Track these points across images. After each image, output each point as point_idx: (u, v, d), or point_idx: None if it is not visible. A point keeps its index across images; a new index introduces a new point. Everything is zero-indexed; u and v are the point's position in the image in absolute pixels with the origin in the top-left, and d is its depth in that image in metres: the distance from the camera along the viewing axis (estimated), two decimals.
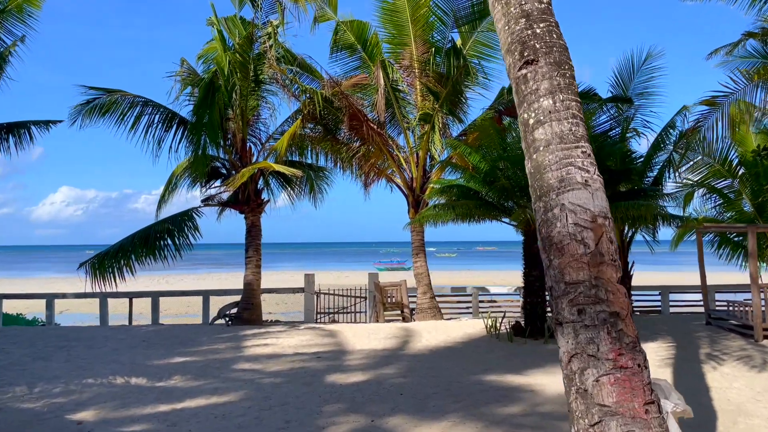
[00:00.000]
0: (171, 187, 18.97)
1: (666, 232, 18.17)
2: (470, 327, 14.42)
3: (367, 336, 13.30)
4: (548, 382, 8.95)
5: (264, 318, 18.64)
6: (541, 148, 4.12)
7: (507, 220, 13.33)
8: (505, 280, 50.31)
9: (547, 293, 4.12)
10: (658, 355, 10.64)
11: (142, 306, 20.77)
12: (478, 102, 27.62)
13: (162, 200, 18.93)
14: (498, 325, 13.07)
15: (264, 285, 17.69)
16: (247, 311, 15.50)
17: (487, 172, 12.19)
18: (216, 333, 14.05)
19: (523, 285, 13.11)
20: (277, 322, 17.23)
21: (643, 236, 16.98)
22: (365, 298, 17.43)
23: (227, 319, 15.64)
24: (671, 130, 16.47)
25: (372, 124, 14.81)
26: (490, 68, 16.29)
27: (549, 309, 15.61)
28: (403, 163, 16.08)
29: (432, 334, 13.45)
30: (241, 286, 16.37)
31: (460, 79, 13.84)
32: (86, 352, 11.85)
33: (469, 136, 14.59)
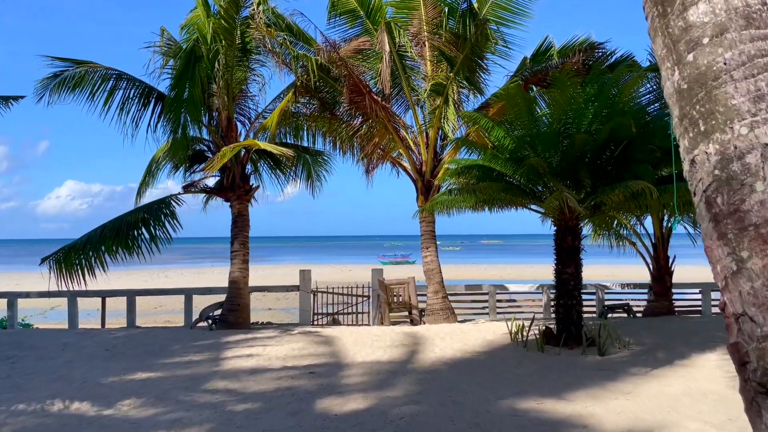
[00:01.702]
0: (152, 172, 17.07)
1: None
2: (490, 332, 12.43)
3: (371, 343, 11.35)
4: (601, 411, 6.96)
5: (254, 320, 16.73)
6: (706, 41, 2.11)
7: (535, 207, 11.33)
8: (512, 274, 48.27)
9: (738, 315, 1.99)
10: (728, 372, 8.65)
11: (141, 303, 18.38)
12: (496, 75, 24.74)
13: (141, 188, 16.98)
14: (525, 331, 11.07)
15: (262, 281, 15.82)
16: (232, 313, 13.54)
17: (513, 150, 10.18)
18: (194, 339, 12.10)
19: (554, 284, 11.11)
20: (268, 325, 15.28)
21: (684, 226, 14.98)
22: (368, 297, 15.47)
23: (210, 322, 13.70)
24: None
25: (376, 97, 12.77)
26: (510, 35, 14.22)
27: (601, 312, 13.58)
28: (411, 144, 14.04)
29: (446, 341, 11.48)
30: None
31: (480, 40, 11.78)
32: (34, 365, 9.92)
33: (490, 110, 12.54)
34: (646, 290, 16.02)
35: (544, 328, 11.12)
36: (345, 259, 75.19)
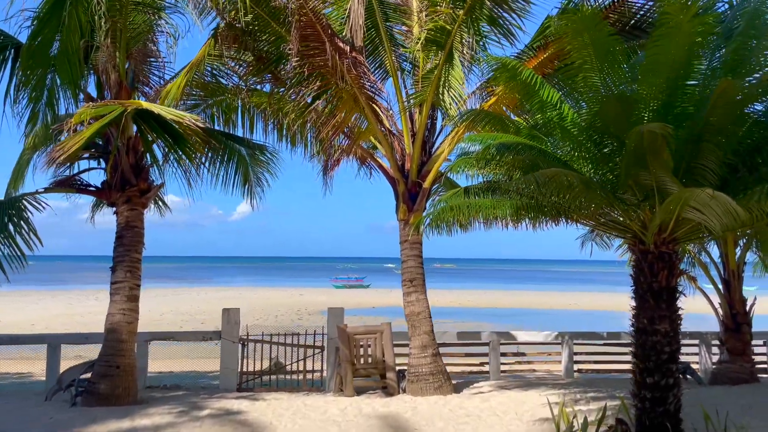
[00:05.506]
0: (23, 169, 12.12)
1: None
2: (512, 415, 7.99)
3: None
4: None
5: (157, 377, 11.77)
6: None
7: (600, 219, 6.98)
8: (471, 301, 43.69)
9: None
10: None
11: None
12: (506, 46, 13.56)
13: (10, 191, 11.95)
14: (575, 417, 6.63)
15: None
16: (107, 379, 8.57)
17: (588, 121, 5.86)
18: (32, 428, 7.18)
19: (633, 348, 6.75)
20: (173, 390, 10.36)
21: (759, 255, 11.01)
22: (322, 348, 10.76)
23: (74, 392, 8.76)
24: None
25: (342, 44, 8.28)
26: None
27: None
28: (386, 123, 9.52)
29: None
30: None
31: None
32: None
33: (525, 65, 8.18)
34: (696, 341, 11.89)
35: (615, 422, 6.72)
36: (295, 282, 69.64)
